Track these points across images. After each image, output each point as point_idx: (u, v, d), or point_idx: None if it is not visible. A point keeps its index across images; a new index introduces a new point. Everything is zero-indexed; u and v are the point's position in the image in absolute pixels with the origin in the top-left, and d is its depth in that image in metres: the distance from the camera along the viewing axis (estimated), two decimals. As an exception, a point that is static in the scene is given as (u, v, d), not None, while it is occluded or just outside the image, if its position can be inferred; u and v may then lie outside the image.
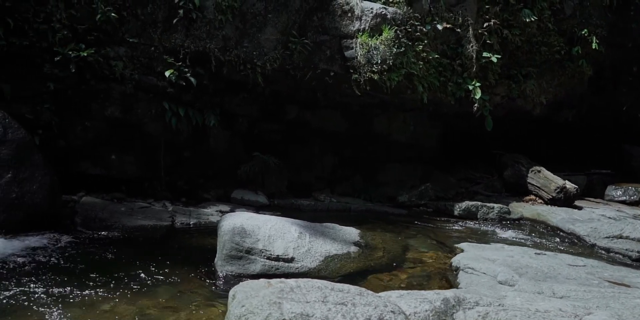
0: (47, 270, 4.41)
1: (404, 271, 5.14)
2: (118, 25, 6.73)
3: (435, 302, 3.06)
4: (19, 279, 4.17)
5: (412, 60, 7.78)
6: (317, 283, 3.03)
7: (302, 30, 7.50)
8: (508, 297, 3.55)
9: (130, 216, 6.14)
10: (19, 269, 4.40)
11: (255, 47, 7.26)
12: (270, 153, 8.06)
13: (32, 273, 4.33)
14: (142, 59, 6.93)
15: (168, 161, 7.35)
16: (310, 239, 5.04)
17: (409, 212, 7.99)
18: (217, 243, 4.89)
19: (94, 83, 6.72)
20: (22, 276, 4.23)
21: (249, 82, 7.37)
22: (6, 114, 5.65)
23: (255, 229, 4.87)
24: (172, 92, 7.02)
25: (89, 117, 6.83)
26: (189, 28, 7.02)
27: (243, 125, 8.09)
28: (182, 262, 4.93)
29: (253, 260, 4.68)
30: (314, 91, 7.98)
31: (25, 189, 5.46)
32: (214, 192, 7.64)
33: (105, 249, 5.18)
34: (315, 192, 8.34)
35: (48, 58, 6.40)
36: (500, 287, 4.31)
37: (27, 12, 6.28)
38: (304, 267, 4.76)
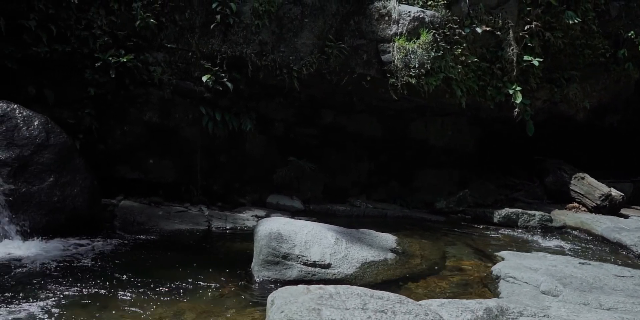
0: (88, 273, 4.52)
1: (442, 279, 5.09)
2: (157, 31, 6.89)
3: (478, 311, 3.02)
4: (60, 281, 4.28)
5: (451, 64, 7.72)
6: (357, 290, 3.03)
7: (339, 35, 7.53)
8: (552, 307, 3.48)
9: (167, 220, 6.25)
10: (60, 272, 4.52)
11: (292, 51, 7.32)
12: (305, 158, 8.10)
13: (73, 275, 4.44)
14: (180, 64, 7.07)
15: (204, 165, 7.46)
16: (346, 245, 5.04)
17: (447, 219, 7.92)
18: (254, 248, 4.94)
19: (132, 88, 6.88)
20: (64, 278, 4.35)
21: (285, 87, 7.43)
22: (49, 119, 5.83)
23: (292, 234, 4.90)
24: (209, 96, 7.14)
25: (128, 121, 6.99)
26: (226, 33, 7.13)
27: (279, 129, 8.16)
28: (219, 266, 4.98)
29: (290, 266, 4.70)
30: (350, 96, 8.00)
31: (67, 193, 5.61)
32: (249, 197, 7.72)
33: (144, 252, 5.28)
34: (350, 198, 8.34)
35: (89, 64, 6.58)
36: (543, 297, 4.22)
37: (69, 19, 6.47)
38: (341, 274, 4.75)
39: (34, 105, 6.10)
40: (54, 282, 4.24)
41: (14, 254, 4.86)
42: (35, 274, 4.43)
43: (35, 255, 4.88)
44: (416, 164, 8.98)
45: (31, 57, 6.34)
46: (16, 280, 4.24)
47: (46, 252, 5.01)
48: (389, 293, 3.10)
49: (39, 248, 5.09)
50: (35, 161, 5.50)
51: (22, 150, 5.47)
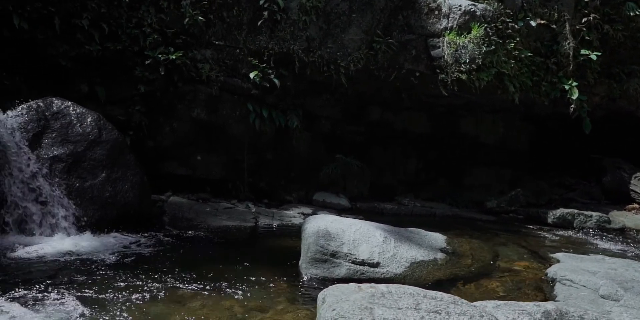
0: (139, 267, 4.64)
1: (494, 280, 4.99)
2: (205, 29, 7.00)
3: (535, 314, 2.95)
4: (112, 274, 4.41)
5: (503, 59, 7.56)
6: (409, 289, 3.00)
7: (387, 30, 7.48)
8: (614, 312, 3.36)
9: (215, 216, 6.35)
10: (112, 265, 4.65)
11: (339, 47, 7.31)
12: (352, 155, 8.09)
13: (125, 269, 4.56)
14: (228, 61, 7.16)
15: (251, 162, 7.54)
16: (395, 244, 4.99)
17: (498, 219, 7.77)
18: (302, 245, 4.95)
19: (181, 85, 7.01)
20: (116, 272, 4.47)
21: (332, 83, 7.43)
22: (101, 115, 6.00)
23: (340, 232, 4.89)
24: (256, 93, 7.21)
25: (176, 118, 7.13)
26: (273, 29, 7.18)
27: (325, 126, 8.17)
28: (267, 263, 5.03)
29: (338, 264, 4.70)
30: (398, 92, 7.93)
31: (118, 188, 5.77)
32: (295, 194, 7.76)
33: (193, 247, 5.38)
34: (398, 196, 8.29)
35: (139, 61, 6.74)
36: (602, 301, 4.08)
37: (120, 17, 6.64)
38: (390, 273, 4.72)
39: (87, 103, 6.29)
40: (105, 275, 4.36)
41: (67, 247, 5.02)
42: (87, 267, 4.57)
43: (87, 249, 5.03)
44: (466, 162, 8.84)
45: (84, 56, 6.54)
46: (69, 273, 4.38)
47: (98, 246, 5.15)
48: (442, 293, 3.06)
49: (92, 242, 5.24)
50: (88, 157, 5.68)
51: (76, 146, 5.65)
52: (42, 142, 5.55)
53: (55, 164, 5.51)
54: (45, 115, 5.65)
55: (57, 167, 5.50)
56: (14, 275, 4.21)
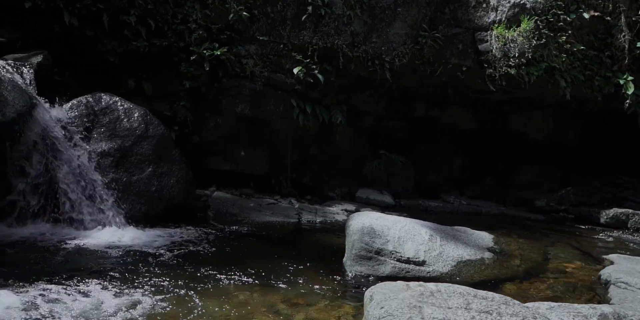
0: (186, 261, 4.71)
1: (544, 281, 4.87)
2: (249, 24, 7.05)
3: (592, 317, 2.86)
4: (157, 268, 4.49)
5: (554, 53, 7.36)
6: (459, 288, 2.95)
7: (433, 24, 7.38)
8: (674, 317, 3.23)
9: (258, 212, 6.41)
10: (159, 259, 4.74)
11: (384, 42, 7.26)
12: (396, 151, 8.03)
13: (171, 263, 4.65)
14: (272, 56, 7.20)
15: (294, 158, 7.57)
16: (441, 242, 4.93)
17: (547, 218, 7.60)
18: (346, 242, 4.95)
19: (225, 80, 7.09)
20: (162, 266, 4.56)
21: (377, 78, 7.39)
22: (147, 111, 6.12)
23: (385, 229, 4.86)
24: (299, 89, 7.23)
25: (220, 113, 7.21)
26: (318, 24, 7.18)
27: (368, 122, 8.14)
28: (310, 259, 5.04)
29: (383, 262, 4.67)
30: (443, 87, 7.83)
31: (164, 183, 5.88)
32: (338, 190, 7.76)
33: (237, 242, 5.44)
34: (443, 193, 8.19)
35: (184, 57, 6.85)
36: (661, 305, 3.94)
37: (166, 14, 6.76)
38: (436, 272, 4.67)
39: (133, 98, 6.42)
40: (152, 269, 4.45)
41: (115, 241, 5.14)
42: (134, 260, 4.67)
43: (134, 243, 5.14)
44: (514, 159, 8.67)
45: (131, 52, 6.68)
46: (116, 266, 4.48)
47: (144, 240, 5.26)
48: (493, 293, 3.00)
49: (138, 235, 5.36)
50: (135, 152, 5.80)
51: (124, 141, 5.78)
52: (91, 137, 5.70)
53: (103, 158, 5.65)
54: (95, 110, 5.79)
55: (105, 161, 5.64)
56: (63, 266, 4.34)
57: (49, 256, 4.60)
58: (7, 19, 6.22)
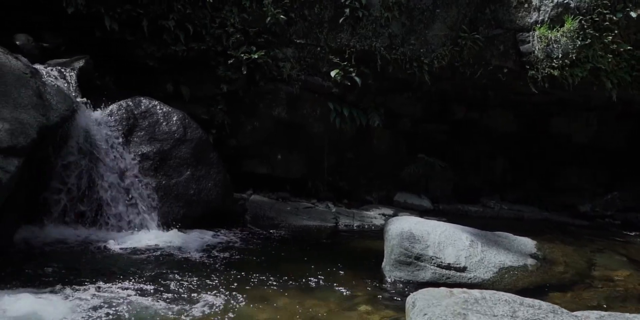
0: (224, 265, 4.78)
1: (591, 290, 4.77)
2: (286, 27, 7.10)
3: (644, 327, 2.79)
4: (196, 271, 4.56)
5: (600, 53, 7.19)
6: (504, 296, 2.92)
7: (473, 25, 7.31)
8: None
9: (295, 216, 6.44)
10: (198, 262, 4.81)
11: (422, 44, 7.23)
12: (434, 154, 7.98)
13: (210, 265, 4.72)
14: (309, 59, 7.24)
15: (331, 161, 7.59)
16: (482, 248, 4.88)
17: (592, 224, 7.44)
18: (385, 247, 4.93)
19: (262, 84, 7.16)
20: (201, 269, 4.62)
21: (415, 81, 7.35)
22: (186, 114, 6.23)
23: (425, 234, 4.83)
24: (336, 92, 7.25)
25: (257, 117, 7.28)
26: (355, 27, 7.18)
27: (406, 125, 8.10)
28: (348, 264, 5.04)
29: (423, 267, 4.65)
30: (483, 89, 7.74)
31: (202, 186, 5.97)
32: (375, 194, 7.75)
33: (274, 246, 5.49)
34: (483, 198, 8.09)
35: (222, 61, 6.94)
36: None
37: (204, 18, 6.85)
38: (477, 278, 4.62)
39: (172, 102, 6.53)
40: (189, 272, 4.52)
41: (154, 243, 5.24)
42: (172, 263, 4.75)
43: (172, 245, 5.22)
44: (556, 162, 8.50)
45: (169, 56, 6.80)
46: (153, 268, 4.58)
47: (182, 243, 5.35)
48: (541, 301, 2.95)
49: (176, 238, 5.44)
50: (174, 155, 5.90)
51: (163, 144, 5.89)
52: (131, 140, 5.82)
53: (143, 161, 5.76)
54: (134, 114, 5.92)
55: (145, 164, 5.76)
56: (104, 268, 4.45)
57: (90, 259, 4.72)
58: (50, 25, 6.41)
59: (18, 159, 4.37)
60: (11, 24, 6.13)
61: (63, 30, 6.45)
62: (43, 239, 5.03)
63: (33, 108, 4.83)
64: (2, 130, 4.42)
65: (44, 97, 5.05)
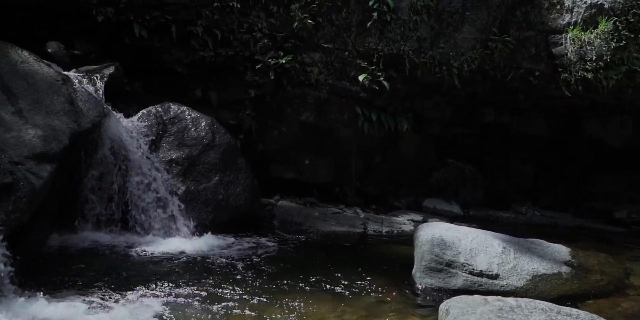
0: (253, 270, 4.81)
1: (629, 299, 4.69)
2: (314, 32, 7.15)
3: (687, 338, 2.72)
4: (224, 276, 4.60)
5: (635, 55, 7.07)
6: (540, 304, 2.88)
7: (503, 27, 7.26)
8: None
9: (324, 221, 6.46)
10: (224, 267, 4.85)
11: (452, 47, 7.20)
12: (463, 159, 7.92)
13: (239, 271, 4.75)
14: (336, 63, 7.27)
15: (359, 166, 7.59)
16: (515, 255, 4.83)
17: (629, 231, 7.31)
18: (415, 254, 4.91)
19: (290, 89, 7.20)
20: (230, 274, 4.66)
21: (444, 85, 7.33)
22: (214, 120, 6.30)
23: (456, 241, 4.80)
24: (364, 96, 7.26)
25: (285, 122, 7.33)
26: (383, 31, 7.19)
27: (435, 129, 8.06)
28: (378, 270, 5.04)
29: (454, 274, 4.61)
30: (514, 93, 7.68)
31: (230, 191, 6.02)
32: (404, 200, 7.74)
33: (304, 252, 5.52)
34: (514, 204, 8.01)
35: (249, 66, 7.00)
36: None
37: (232, 23, 6.92)
38: (510, 286, 4.57)
39: (200, 107, 6.62)
40: (217, 276, 4.56)
41: (182, 248, 5.30)
42: (201, 268, 4.80)
43: (202, 251, 5.28)
44: (590, 167, 8.36)
45: (198, 62, 6.89)
46: (182, 272, 4.64)
47: (211, 248, 5.41)
48: (578, 310, 2.91)
49: (205, 243, 5.50)
50: (202, 160, 5.97)
51: (191, 150, 5.96)
52: (160, 146, 5.91)
53: (172, 167, 5.84)
54: (163, 120, 6.01)
55: (174, 170, 5.84)
56: (140, 273, 4.52)
57: (120, 263, 4.80)
58: (81, 33, 6.56)
59: (51, 165, 4.46)
60: (43, 32, 6.29)
61: (93, 37, 6.59)
62: (75, 244, 5.14)
63: (65, 114, 4.93)
64: (35, 137, 4.52)
65: (75, 103, 5.15)
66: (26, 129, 4.54)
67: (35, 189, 4.21)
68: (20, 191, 4.09)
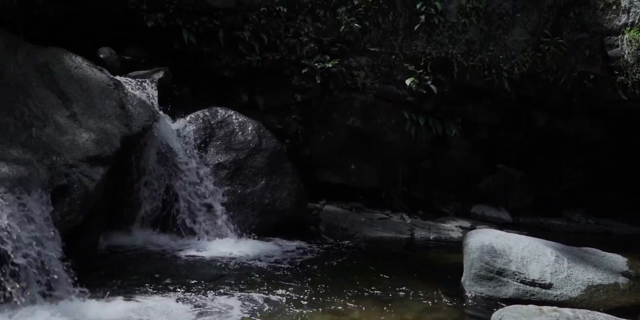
0: (295, 274, 4.84)
1: (692, 312, 4.50)
2: (360, 35, 7.15)
3: None
4: (270, 280, 4.63)
5: (697, 57, 6.83)
6: (599, 316, 2.81)
7: (556, 29, 7.11)
8: None
9: (370, 227, 6.45)
10: (270, 271, 4.89)
11: (502, 50, 7.10)
12: (513, 164, 7.78)
13: (284, 275, 4.78)
14: (383, 67, 7.25)
15: (405, 171, 7.54)
16: (569, 264, 4.71)
17: (692, 240, 7.00)
18: (464, 261, 4.84)
19: (336, 93, 7.21)
20: (275, 278, 4.70)
21: (493, 88, 7.23)
22: (261, 124, 6.37)
23: (506, 248, 4.71)
24: (412, 100, 7.22)
25: (331, 126, 7.34)
26: (431, 34, 7.14)
27: (483, 134, 7.94)
28: (425, 277, 4.99)
29: (505, 283, 4.53)
30: (567, 96, 7.50)
31: (276, 196, 6.07)
32: (451, 206, 7.65)
33: (350, 258, 5.51)
34: (566, 211, 7.80)
35: (296, 70, 7.05)
36: None
37: (279, 28, 6.99)
38: (564, 296, 4.46)
39: (247, 111, 6.70)
40: (264, 281, 4.60)
41: (230, 252, 5.38)
42: (247, 271, 4.86)
43: (248, 255, 5.34)
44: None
45: (245, 66, 6.97)
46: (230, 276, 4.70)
47: (258, 252, 5.46)
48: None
49: (252, 247, 5.57)
50: (249, 164, 6.05)
51: (238, 154, 6.04)
52: (208, 150, 6.01)
53: (219, 170, 5.93)
54: (211, 124, 6.11)
55: (221, 173, 5.93)
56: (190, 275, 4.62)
57: (170, 266, 4.90)
58: (132, 39, 6.73)
59: (103, 168, 4.59)
60: (96, 38, 6.48)
61: (143, 43, 6.75)
62: (126, 246, 5.28)
63: (116, 118, 5.07)
64: (89, 140, 4.66)
65: (126, 108, 5.29)
66: (80, 133, 4.69)
67: (88, 191, 4.34)
68: (74, 193, 4.23)
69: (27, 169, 4.04)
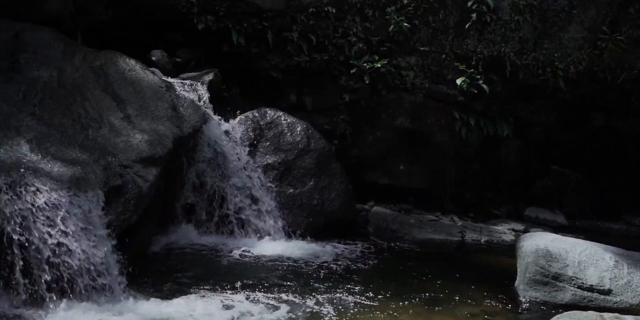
0: (347, 276, 4.85)
1: None
2: (409, 35, 7.09)
3: None
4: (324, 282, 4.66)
5: None
6: (664, 324, 2.70)
7: (615, 25, 6.88)
8: None
9: (419, 229, 6.41)
10: (321, 272, 4.91)
11: (557, 48, 6.92)
12: (568, 166, 7.57)
13: (333, 277, 4.80)
14: (433, 67, 7.18)
15: (455, 172, 7.42)
16: (629, 270, 4.56)
17: None
18: (517, 265, 4.76)
19: (385, 93, 7.17)
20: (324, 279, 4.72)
21: (548, 87, 7.05)
22: (309, 124, 6.41)
23: (563, 252, 4.60)
24: (462, 100, 7.11)
25: (379, 127, 7.30)
26: (482, 32, 7.02)
27: (537, 134, 7.74)
28: (476, 281, 4.92)
29: (561, 288, 4.43)
30: (627, 95, 7.25)
31: (325, 197, 6.10)
32: (503, 208, 7.50)
33: (399, 260, 5.49)
34: (625, 215, 7.54)
35: (344, 71, 7.05)
36: None
37: (327, 28, 7.00)
38: (624, 303, 4.33)
39: (295, 112, 6.76)
40: (314, 282, 4.64)
41: (278, 252, 5.44)
42: (297, 272, 4.90)
43: (298, 255, 5.40)
44: None
45: (293, 67, 7.02)
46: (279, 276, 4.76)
47: (307, 253, 5.50)
48: None
49: (301, 248, 5.62)
50: (297, 165, 6.10)
51: (287, 154, 6.10)
52: (257, 150, 6.09)
53: (268, 171, 6.00)
54: (260, 125, 6.19)
55: (270, 174, 6.00)
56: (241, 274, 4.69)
57: (221, 265, 5.00)
58: (182, 41, 6.88)
59: (156, 168, 4.71)
60: (148, 41, 6.65)
61: (194, 45, 6.89)
62: (178, 245, 5.41)
63: (168, 120, 5.20)
64: (142, 141, 4.79)
65: (177, 109, 5.41)
66: (134, 134, 4.83)
67: (142, 191, 4.46)
68: (128, 193, 4.36)
69: (83, 169, 4.18)
